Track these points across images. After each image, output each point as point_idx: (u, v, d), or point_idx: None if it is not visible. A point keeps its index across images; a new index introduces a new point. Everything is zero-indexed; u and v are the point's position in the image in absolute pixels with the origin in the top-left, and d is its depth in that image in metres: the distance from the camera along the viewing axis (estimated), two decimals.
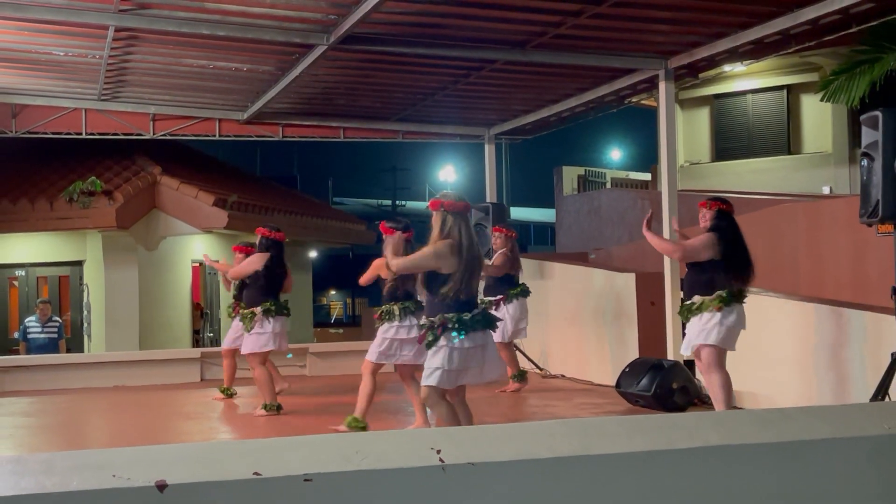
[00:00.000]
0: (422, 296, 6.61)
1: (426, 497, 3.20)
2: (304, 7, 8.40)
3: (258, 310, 8.90)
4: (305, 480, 3.34)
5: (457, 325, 5.93)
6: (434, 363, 5.98)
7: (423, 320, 6.18)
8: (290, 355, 11.66)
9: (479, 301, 6.57)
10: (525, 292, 10.55)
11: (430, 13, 8.48)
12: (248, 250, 9.82)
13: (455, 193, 6.29)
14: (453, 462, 3.47)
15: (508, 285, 10.44)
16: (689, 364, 9.75)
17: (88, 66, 10.41)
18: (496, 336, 9.80)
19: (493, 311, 6.97)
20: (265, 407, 8.98)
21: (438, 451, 3.53)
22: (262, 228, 9.19)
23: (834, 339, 8.08)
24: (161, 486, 3.35)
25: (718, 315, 7.25)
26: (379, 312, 7.79)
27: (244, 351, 9.06)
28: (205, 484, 3.29)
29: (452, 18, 8.68)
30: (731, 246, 7.34)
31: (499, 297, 10.38)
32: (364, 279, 8.11)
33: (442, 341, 5.96)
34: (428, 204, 6.26)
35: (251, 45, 9.51)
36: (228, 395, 10.34)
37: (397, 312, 7.61)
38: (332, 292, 51.57)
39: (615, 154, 47.95)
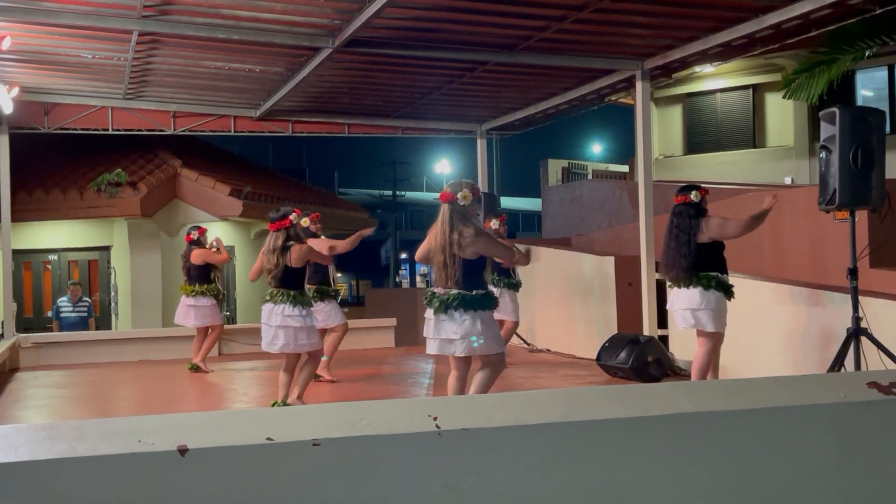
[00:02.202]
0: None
1: (424, 460, 3.21)
2: (311, 13, 8.37)
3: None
4: (314, 445, 3.35)
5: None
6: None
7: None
8: None
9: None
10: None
11: (427, 18, 8.45)
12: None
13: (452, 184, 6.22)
14: (449, 428, 3.48)
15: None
16: (663, 339, 9.79)
17: (114, 67, 10.36)
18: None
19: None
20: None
21: (435, 419, 3.55)
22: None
23: (796, 315, 8.10)
24: (182, 451, 3.36)
25: (724, 300, 7.17)
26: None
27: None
28: (222, 448, 3.30)
29: (447, 23, 8.65)
30: None
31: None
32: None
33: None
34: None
35: (263, 48, 9.47)
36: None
37: None
38: (339, 274, 51.62)
39: (596, 148, 47.98)
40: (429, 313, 6.05)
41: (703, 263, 7.12)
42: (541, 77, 10.93)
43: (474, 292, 5.94)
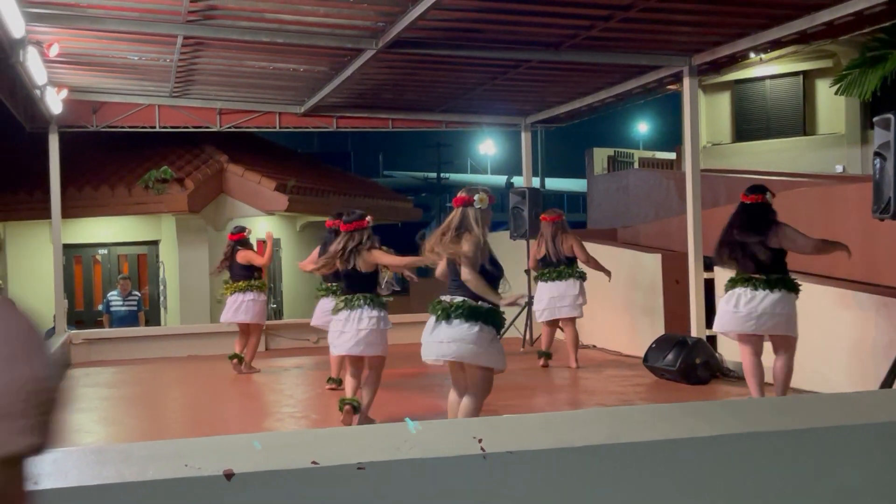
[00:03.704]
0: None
1: (469, 483, 3.19)
2: (354, 16, 8.33)
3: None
4: (359, 469, 3.34)
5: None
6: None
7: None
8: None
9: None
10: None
11: (471, 19, 8.37)
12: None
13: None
14: (493, 451, 3.46)
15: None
16: (711, 339, 9.66)
17: (160, 68, 10.42)
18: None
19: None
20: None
21: (480, 441, 3.52)
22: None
23: (861, 323, 7.90)
24: (228, 475, 3.37)
25: (794, 303, 7.04)
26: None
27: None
28: (267, 472, 3.31)
29: (491, 24, 8.56)
30: None
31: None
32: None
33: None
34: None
35: (307, 49, 9.45)
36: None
37: None
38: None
39: (642, 127, 47.42)
40: (430, 320, 5.86)
41: (770, 266, 7.01)
42: (586, 73, 10.80)
43: (479, 303, 5.73)
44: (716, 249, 7.32)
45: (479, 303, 5.72)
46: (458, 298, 5.75)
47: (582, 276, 10.16)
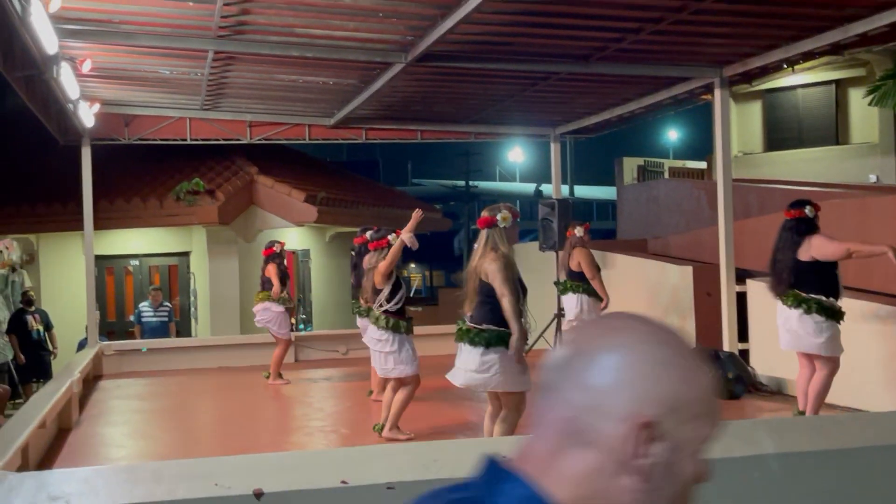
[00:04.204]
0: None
1: None
2: (383, 30, 8.34)
3: None
4: (388, 488, 3.33)
5: None
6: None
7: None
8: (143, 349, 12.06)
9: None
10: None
11: (501, 32, 8.35)
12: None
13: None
14: None
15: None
16: (744, 353, 9.57)
17: (191, 82, 10.48)
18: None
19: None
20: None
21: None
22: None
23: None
24: (258, 494, 3.37)
25: (832, 324, 6.97)
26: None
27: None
28: (297, 492, 3.31)
29: (520, 37, 8.54)
30: None
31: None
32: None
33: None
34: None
35: (336, 63, 9.46)
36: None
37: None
38: (412, 265, 51.88)
39: (672, 134, 47.13)
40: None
41: (807, 283, 6.93)
42: (616, 84, 10.75)
43: (486, 326, 5.76)
44: (769, 284, 7.28)
45: (488, 327, 5.76)
46: (473, 326, 5.80)
47: (587, 292, 10.14)
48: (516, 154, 51.90)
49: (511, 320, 5.66)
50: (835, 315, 6.95)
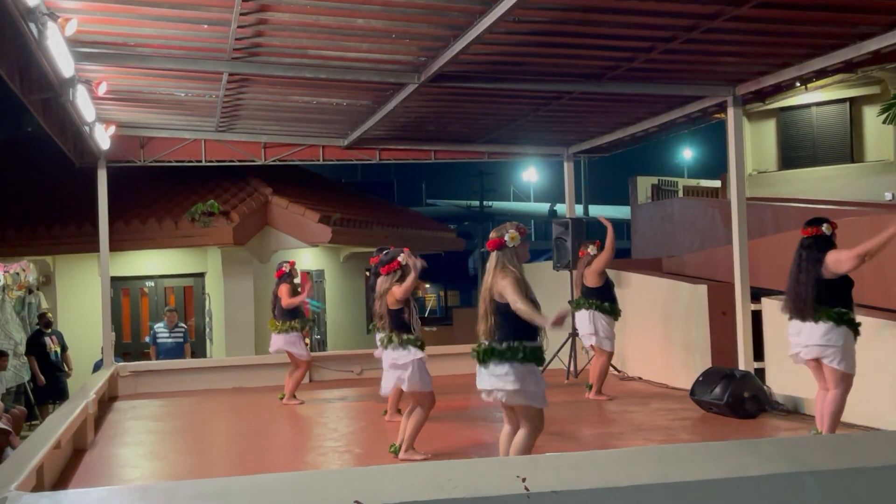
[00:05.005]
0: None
1: None
2: (396, 51, 8.38)
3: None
4: None
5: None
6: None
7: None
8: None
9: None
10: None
11: (513, 52, 8.39)
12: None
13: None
14: (538, 490, 3.41)
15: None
16: (759, 371, 9.51)
17: (206, 104, 10.56)
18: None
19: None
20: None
21: (524, 480, 3.47)
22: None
23: None
24: None
25: (851, 338, 6.94)
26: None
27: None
28: None
29: (533, 57, 8.57)
30: None
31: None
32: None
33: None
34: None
35: (350, 84, 9.52)
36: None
37: None
38: (427, 285, 51.94)
39: (687, 153, 47.10)
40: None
41: (829, 299, 6.91)
42: (628, 103, 10.76)
43: (512, 343, 5.73)
44: (787, 305, 7.23)
45: (515, 343, 5.73)
46: (494, 346, 5.78)
47: (599, 308, 10.15)
48: (531, 174, 51.99)
49: (534, 317, 5.62)
50: (855, 329, 6.93)
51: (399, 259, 7.41)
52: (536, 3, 6.92)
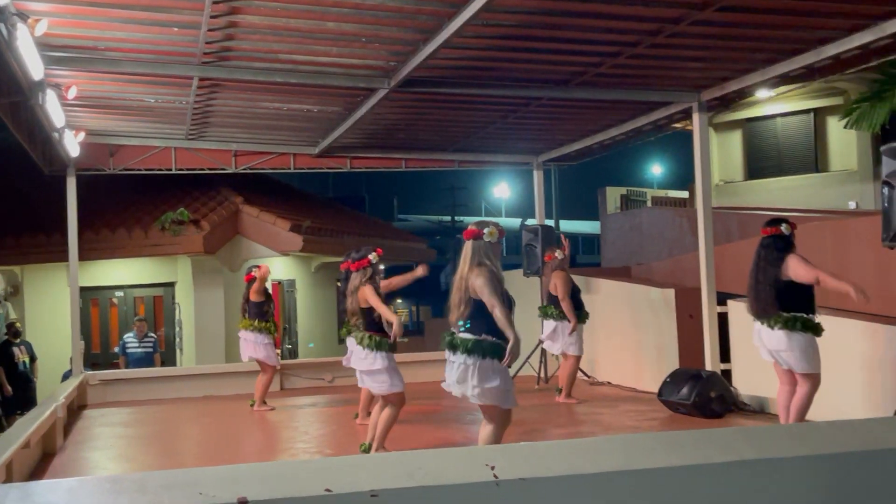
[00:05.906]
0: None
1: None
2: (366, 56, 8.45)
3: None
4: (372, 496, 3.35)
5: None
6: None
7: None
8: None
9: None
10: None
11: (481, 58, 8.49)
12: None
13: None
14: (506, 478, 3.46)
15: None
16: (726, 373, 9.64)
17: (176, 110, 10.57)
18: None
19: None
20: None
21: (493, 468, 3.52)
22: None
23: (878, 354, 7.85)
24: (243, 503, 3.40)
25: (813, 339, 7.05)
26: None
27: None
28: (281, 500, 3.32)
29: (501, 62, 8.68)
30: None
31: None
32: None
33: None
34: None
35: (320, 90, 9.58)
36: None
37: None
38: (399, 301, 51.89)
39: (656, 169, 47.53)
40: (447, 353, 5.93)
41: (787, 301, 7.03)
42: (596, 110, 10.89)
43: (481, 336, 5.74)
44: (749, 305, 7.34)
45: (483, 337, 5.73)
46: (464, 336, 5.78)
47: (563, 317, 10.21)
48: (502, 189, 52.20)
49: (505, 329, 5.66)
50: (815, 331, 7.04)
51: (370, 257, 7.45)
52: (504, 6, 7.01)
